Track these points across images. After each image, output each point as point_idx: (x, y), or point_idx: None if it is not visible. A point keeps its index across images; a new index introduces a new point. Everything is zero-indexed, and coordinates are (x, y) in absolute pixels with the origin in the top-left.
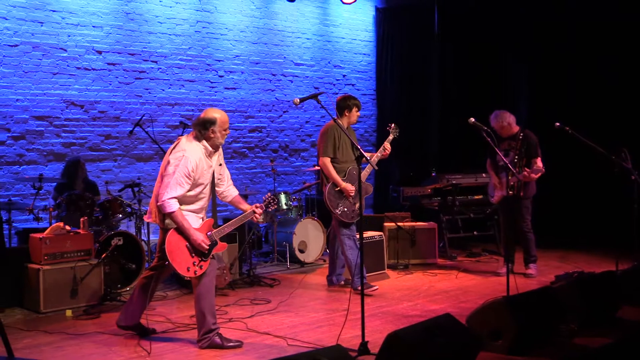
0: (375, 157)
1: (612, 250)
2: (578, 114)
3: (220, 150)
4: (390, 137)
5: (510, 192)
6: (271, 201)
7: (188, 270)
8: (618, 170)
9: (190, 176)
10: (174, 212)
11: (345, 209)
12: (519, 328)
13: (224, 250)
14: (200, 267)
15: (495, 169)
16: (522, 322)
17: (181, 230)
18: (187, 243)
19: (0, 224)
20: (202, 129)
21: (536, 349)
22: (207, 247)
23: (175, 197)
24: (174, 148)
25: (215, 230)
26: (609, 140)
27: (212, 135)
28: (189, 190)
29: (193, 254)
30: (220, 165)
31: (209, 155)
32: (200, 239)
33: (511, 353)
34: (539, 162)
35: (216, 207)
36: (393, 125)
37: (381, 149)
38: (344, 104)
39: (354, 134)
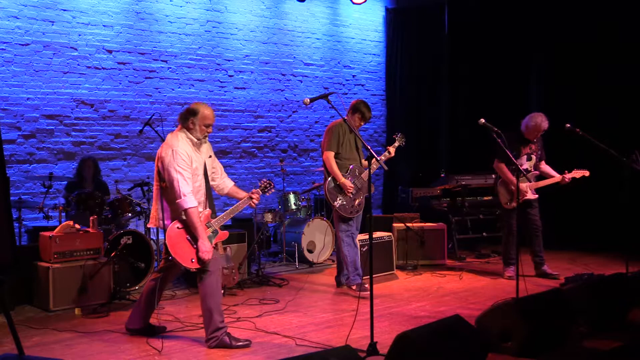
0: (380, 159)
1: (622, 252)
2: (589, 115)
3: (209, 143)
4: (396, 144)
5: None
6: (267, 185)
7: (192, 262)
8: (629, 171)
9: (188, 165)
10: (191, 207)
11: (344, 203)
12: (529, 330)
13: (233, 250)
14: None
15: (512, 172)
16: (531, 324)
17: (192, 230)
18: (187, 236)
19: (10, 222)
20: (184, 118)
21: (546, 351)
22: (210, 257)
23: (190, 192)
24: (161, 148)
25: (214, 220)
26: (620, 142)
27: (191, 127)
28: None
29: (194, 245)
30: (210, 157)
31: (195, 145)
32: (209, 249)
33: (520, 355)
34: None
35: (212, 199)
36: (400, 134)
37: (385, 152)
38: (353, 106)
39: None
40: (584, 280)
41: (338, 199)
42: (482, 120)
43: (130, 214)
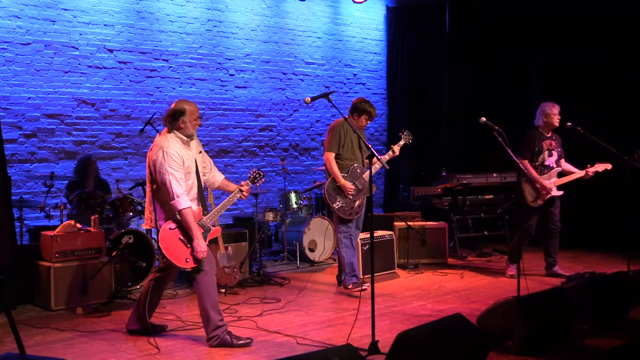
0: (383, 158)
1: (623, 251)
2: (590, 114)
3: (197, 139)
4: (402, 142)
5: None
6: (257, 176)
7: (187, 262)
8: (630, 170)
9: (180, 165)
10: (185, 208)
11: (344, 205)
12: (530, 328)
13: (234, 249)
14: None
15: (536, 169)
16: (533, 323)
17: (187, 231)
18: (180, 236)
19: (12, 221)
20: (172, 120)
21: (547, 349)
22: (205, 256)
23: (184, 192)
24: (151, 150)
25: (205, 217)
26: (622, 141)
27: (182, 126)
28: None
29: (188, 245)
30: (200, 152)
31: (185, 144)
32: (205, 249)
33: (522, 353)
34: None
35: (204, 197)
36: (406, 132)
37: (390, 152)
38: (356, 107)
39: (363, 135)
40: (585, 279)
41: (337, 200)
42: (483, 119)
43: (131, 213)
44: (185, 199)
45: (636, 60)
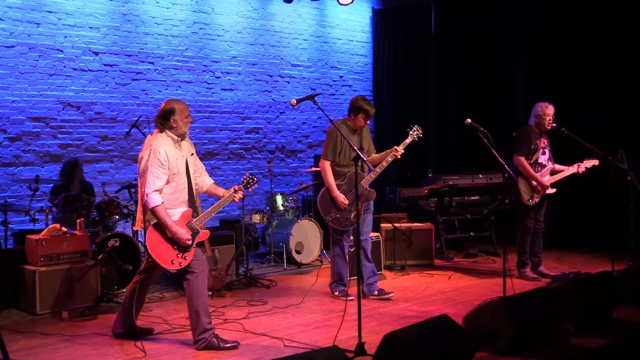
0: (385, 160)
1: (608, 251)
2: (576, 115)
3: (190, 141)
4: (408, 140)
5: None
6: (250, 181)
7: (172, 263)
8: (614, 171)
9: (164, 165)
10: (157, 206)
11: (338, 216)
12: (516, 328)
13: (221, 252)
14: (185, 259)
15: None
16: (518, 323)
17: (163, 227)
18: (168, 237)
19: None
20: (163, 120)
21: (533, 349)
22: (190, 243)
23: (157, 190)
24: (142, 150)
25: (195, 219)
26: (606, 142)
27: (174, 125)
28: (167, 182)
29: (175, 247)
30: (192, 155)
31: (177, 143)
32: (184, 236)
33: (508, 353)
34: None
35: (194, 197)
36: (416, 126)
37: (392, 152)
38: (352, 105)
39: (368, 133)
40: (570, 279)
41: (332, 212)
42: (469, 121)
43: (117, 216)
44: (156, 196)
45: (623, 63)
